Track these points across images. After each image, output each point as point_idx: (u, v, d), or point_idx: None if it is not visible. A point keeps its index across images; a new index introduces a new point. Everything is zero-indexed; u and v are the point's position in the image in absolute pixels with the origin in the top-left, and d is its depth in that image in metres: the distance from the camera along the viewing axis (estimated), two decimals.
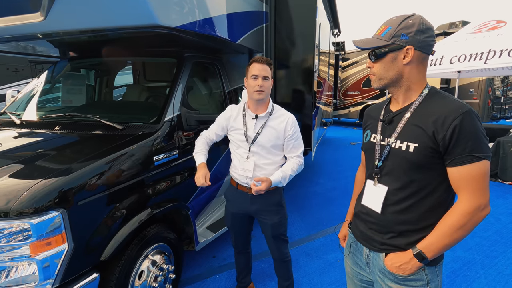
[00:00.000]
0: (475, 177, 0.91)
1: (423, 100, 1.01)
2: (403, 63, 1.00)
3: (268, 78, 1.74)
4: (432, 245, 0.96)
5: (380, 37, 1.02)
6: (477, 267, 2.59)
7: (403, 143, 1.01)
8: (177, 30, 1.87)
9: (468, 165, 0.91)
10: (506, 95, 9.13)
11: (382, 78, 1.05)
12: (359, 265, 1.20)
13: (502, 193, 4.45)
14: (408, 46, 0.98)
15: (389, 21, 1.03)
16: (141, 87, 3.28)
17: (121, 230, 1.68)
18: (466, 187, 0.92)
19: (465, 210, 0.93)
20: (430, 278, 1.02)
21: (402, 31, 0.98)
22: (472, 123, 0.91)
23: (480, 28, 5.44)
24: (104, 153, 1.66)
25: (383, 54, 1.02)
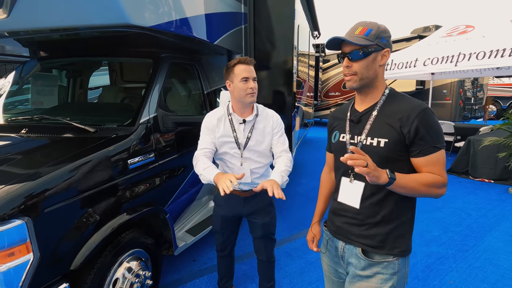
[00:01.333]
0: (439, 163, 1.04)
1: (386, 99, 1.11)
2: (380, 64, 1.09)
3: (256, 79, 1.69)
4: (404, 178, 1.02)
5: (363, 36, 1.06)
6: (449, 261, 2.70)
7: (373, 139, 1.08)
8: (151, 30, 1.82)
9: (432, 155, 1.04)
10: (476, 96, 9.61)
11: (363, 78, 1.09)
12: (335, 261, 1.24)
13: (473, 189, 4.67)
14: (387, 48, 1.08)
15: (369, 24, 1.08)
16: (118, 88, 3.18)
17: (93, 237, 1.61)
18: (436, 170, 1.04)
19: (438, 178, 1.05)
20: (400, 268, 1.09)
21: (382, 34, 1.07)
22: (431, 118, 1.03)
23: (451, 32, 5.70)
24: (74, 157, 1.59)
25: (367, 54, 1.06)
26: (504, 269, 2.57)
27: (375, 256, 1.10)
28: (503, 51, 4.50)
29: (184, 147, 2.47)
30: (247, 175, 1.72)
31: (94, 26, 1.73)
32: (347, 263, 1.18)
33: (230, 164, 1.78)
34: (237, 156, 1.74)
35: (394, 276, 1.08)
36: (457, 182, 5.04)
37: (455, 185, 4.88)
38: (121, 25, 1.65)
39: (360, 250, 1.12)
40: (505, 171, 4.81)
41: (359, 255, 1.12)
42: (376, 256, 1.10)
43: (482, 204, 4.05)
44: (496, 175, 4.95)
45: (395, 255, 1.08)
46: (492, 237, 3.14)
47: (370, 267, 1.10)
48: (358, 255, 1.12)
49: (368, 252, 1.11)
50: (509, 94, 12.03)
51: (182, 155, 2.45)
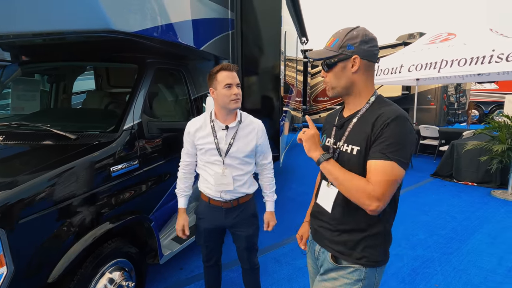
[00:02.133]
0: (378, 171, 0.96)
1: (370, 107, 1.09)
2: (352, 71, 1.07)
3: (240, 85, 1.69)
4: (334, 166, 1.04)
5: (330, 48, 1.09)
6: (435, 264, 2.74)
7: (348, 146, 1.08)
8: (135, 35, 1.80)
9: (376, 161, 0.97)
10: (459, 101, 9.90)
11: (335, 87, 1.11)
12: (314, 262, 1.28)
13: (457, 192, 4.78)
14: (355, 55, 1.05)
15: (337, 34, 1.10)
16: (103, 93, 3.13)
17: (72, 247, 1.56)
18: (372, 177, 0.97)
19: (365, 186, 0.96)
20: (366, 276, 1.10)
21: (348, 42, 1.05)
22: (399, 126, 0.96)
23: (434, 39, 5.88)
24: (52, 165, 1.54)
25: (333, 64, 1.08)
26: (487, 271, 2.62)
27: (343, 262, 1.12)
28: (483, 58, 4.66)
29: (170, 153, 2.43)
30: (229, 182, 1.70)
31: (75, 31, 1.70)
32: (320, 265, 1.22)
33: (211, 171, 1.74)
34: (219, 163, 1.72)
35: (359, 282, 1.09)
36: (442, 186, 5.15)
37: (441, 189, 4.98)
38: (103, 30, 1.62)
39: (330, 255, 1.15)
40: (487, 174, 4.94)
41: (328, 260, 1.15)
42: (344, 262, 1.12)
43: (466, 207, 4.14)
44: (479, 178, 5.09)
45: (362, 264, 1.09)
46: (475, 239, 3.21)
47: (337, 270, 1.13)
48: (328, 259, 1.15)
49: (337, 258, 1.14)
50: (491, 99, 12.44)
51: (168, 161, 2.41)
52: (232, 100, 1.63)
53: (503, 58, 4.41)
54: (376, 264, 1.10)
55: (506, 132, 4.32)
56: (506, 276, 2.55)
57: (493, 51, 4.52)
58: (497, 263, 2.73)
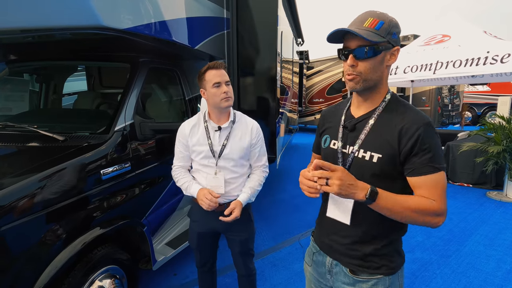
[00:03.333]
0: (435, 186, 0.90)
1: (386, 106, 0.98)
2: (387, 64, 0.94)
3: (229, 82, 1.64)
4: (387, 199, 0.89)
5: (375, 30, 0.89)
6: (433, 267, 2.70)
7: (366, 152, 0.96)
8: (126, 32, 1.73)
9: (428, 175, 0.90)
10: (453, 103, 9.99)
11: (368, 79, 0.93)
12: (319, 272, 1.16)
13: (453, 193, 4.78)
14: (397, 46, 0.93)
15: (379, 14, 0.91)
16: (94, 94, 3.04)
17: (60, 255, 1.48)
18: (431, 194, 0.91)
19: (430, 205, 0.90)
20: (391, 282, 1.02)
21: (394, 29, 0.91)
22: (432, 134, 0.91)
23: (429, 41, 5.90)
24: (38, 168, 1.46)
25: (377, 52, 0.90)
26: (486, 273, 2.60)
27: (363, 274, 1.03)
28: (478, 60, 4.68)
29: (164, 155, 2.36)
30: (220, 185, 1.64)
31: (64, 28, 1.62)
32: (335, 278, 1.11)
33: (204, 174, 1.68)
34: (212, 166, 1.66)
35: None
36: None
37: None
38: (92, 27, 1.55)
39: (348, 270, 1.05)
40: (482, 175, 4.96)
41: (347, 274, 1.05)
42: (364, 274, 1.03)
43: (462, 208, 4.13)
44: (474, 179, 5.10)
45: (383, 273, 1.01)
46: (473, 241, 3.19)
47: (359, 283, 1.03)
48: (346, 273, 1.06)
49: (356, 271, 1.04)
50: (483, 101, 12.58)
51: (162, 163, 2.34)
52: (222, 99, 1.59)
53: (498, 59, 4.43)
54: (398, 268, 1.03)
55: (502, 134, 4.33)
56: (505, 279, 2.52)
57: (488, 52, 4.54)
58: (496, 266, 2.71)
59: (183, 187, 1.70)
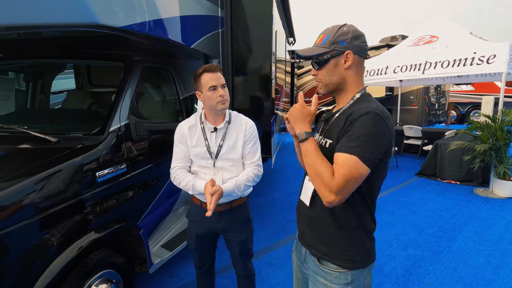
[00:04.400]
0: (339, 164, 0.93)
1: (353, 103, 1.07)
2: (344, 67, 1.06)
3: (225, 85, 1.63)
4: (312, 146, 1.01)
5: (320, 45, 1.07)
6: (426, 264, 2.76)
7: (324, 139, 1.09)
8: (122, 31, 1.68)
9: (339, 153, 0.95)
10: (439, 102, 10.24)
11: (328, 84, 1.09)
12: (300, 260, 1.25)
13: (442, 191, 4.90)
14: (347, 51, 1.04)
15: (326, 30, 1.09)
16: (84, 93, 2.96)
17: (56, 261, 1.43)
18: (336, 169, 0.94)
19: (328, 175, 0.93)
20: (354, 278, 1.06)
21: (340, 38, 1.04)
22: (369, 122, 0.93)
23: (418, 41, 6.02)
24: (31, 171, 1.40)
25: (326, 61, 1.06)
26: (477, 268, 2.67)
27: (328, 263, 1.09)
28: (465, 60, 4.81)
29: (160, 156, 2.32)
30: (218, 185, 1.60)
31: (57, 25, 1.56)
32: (307, 267, 1.19)
33: (202, 174, 1.67)
34: (210, 166, 1.65)
35: (348, 286, 1.06)
36: (427, 184, 5.27)
37: (426, 187, 5.10)
38: (88, 25, 1.50)
39: (316, 259, 1.12)
40: (469, 173, 5.11)
41: (315, 263, 1.13)
42: (329, 264, 1.08)
43: (451, 205, 4.24)
44: (461, 176, 5.25)
45: (345, 267, 1.05)
46: (463, 237, 3.27)
47: (325, 275, 1.09)
48: (315, 262, 1.13)
49: (321, 259, 1.11)
50: (467, 100, 12.96)
51: (158, 164, 2.30)
52: (218, 102, 1.58)
53: (484, 60, 4.56)
54: (359, 265, 1.06)
55: (488, 132, 4.47)
56: (494, 273, 2.60)
57: (475, 53, 4.67)
58: (485, 261, 2.79)
59: (187, 186, 1.59)
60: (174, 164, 1.69)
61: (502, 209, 4.07)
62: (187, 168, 1.70)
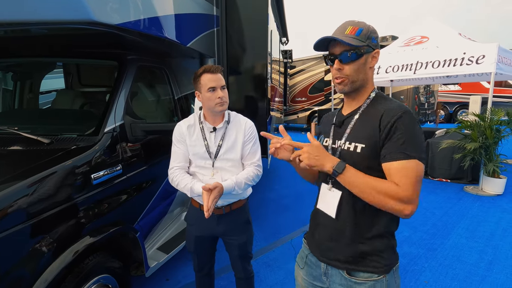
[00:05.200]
0: (404, 173, 0.90)
1: (371, 102, 1.05)
2: (370, 66, 1.02)
3: (225, 86, 1.60)
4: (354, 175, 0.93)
5: (355, 36, 0.98)
6: (422, 261, 2.80)
7: (351, 144, 1.02)
8: (117, 28, 1.63)
9: (399, 161, 0.91)
10: (429, 102, 10.44)
11: (355, 81, 1.02)
12: (314, 275, 1.15)
13: (433, 189, 4.99)
14: (377, 49, 1.01)
15: (357, 23, 1.02)
16: (76, 93, 2.88)
17: (50, 267, 1.38)
18: (399, 179, 0.91)
19: (394, 188, 0.90)
20: (388, 283, 1.02)
21: (372, 35, 1.00)
22: (410, 122, 0.93)
23: (409, 42, 6.11)
24: (23, 174, 1.34)
25: (359, 56, 0.99)
26: (471, 265, 2.72)
27: (359, 274, 1.02)
28: (455, 61, 4.90)
29: (155, 157, 2.27)
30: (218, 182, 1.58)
31: (50, 22, 1.50)
32: (331, 280, 1.09)
33: (200, 175, 1.64)
34: (208, 167, 1.62)
35: None
36: None
37: None
38: (82, 22, 1.45)
39: (344, 271, 1.04)
40: (459, 171, 5.21)
41: (343, 275, 1.05)
42: (361, 274, 1.02)
43: (443, 203, 4.32)
44: (452, 174, 5.35)
45: (380, 273, 1.00)
46: (456, 234, 3.33)
47: (358, 286, 1.02)
48: (343, 275, 1.05)
49: (351, 271, 1.04)
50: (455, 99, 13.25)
51: (153, 165, 2.25)
52: (217, 104, 1.55)
53: (473, 60, 4.66)
54: (393, 264, 1.03)
55: (477, 131, 4.57)
56: (488, 269, 2.65)
57: (464, 54, 4.77)
58: (479, 257, 2.85)
59: (185, 188, 1.55)
60: (173, 164, 1.66)
61: (492, 206, 4.16)
62: (185, 169, 1.66)
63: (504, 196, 4.51)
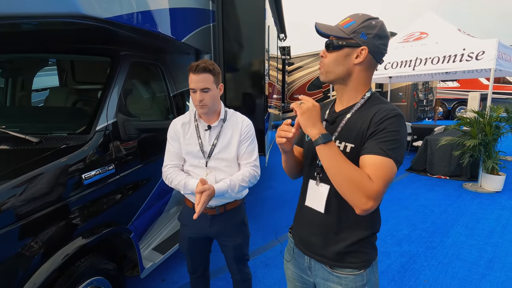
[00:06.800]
0: (377, 167, 0.87)
1: (365, 103, 1.02)
2: (354, 62, 0.98)
3: (208, 89, 1.46)
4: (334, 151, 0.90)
5: (342, 28, 0.97)
6: (421, 260, 2.77)
7: (341, 143, 1.00)
8: (108, 22, 1.57)
9: (375, 156, 0.88)
10: (427, 98, 10.41)
11: (330, 72, 1.01)
12: (301, 268, 1.17)
13: (432, 186, 4.96)
14: (364, 46, 0.96)
15: (355, 16, 0.99)
16: (68, 90, 2.81)
17: (39, 270, 1.33)
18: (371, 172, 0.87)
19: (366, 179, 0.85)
20: (368, 278, 1.04)
21: (363, 30, 0.95)
22: (396, 125, 0.91)
23: (407, 38, 6.05)
24: (11, 174, 1.29)
25: (339, 47, 0.97)
26: (470, 263, 2.69)
27: (341, 269, 1.04)
28: (454, 57, 4.86)
29: (150, 155, 2.22)
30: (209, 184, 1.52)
31: (37, 15, 1.43)
32: (315, 274, 1.12)
33: (194, 175, 1.58)
34: (202, 166, 1.57)
35: (365, 287, 1.04)
36: (417, 180, 5.33)
37: (417, 183, 5.15)
38: (70, 15, 1.39)
39: (328, 267, 1.06)
40: (458, 168, 5.19)
41: (326, 269, 1.07)
42: (342, 269, 1.04)
43: (442, 200, 4.29)
44: (451, 171, 5.32)
45: (360, 268, 1.02)
46: (455, 232, 3.31)
47: (340, 280, 1.04)
48: (325, 268, 1.07)
49: (334, 266, 1.05)
50: (453, 96, 13.23)
51: (148, 164, 2.20)
52: (197, 106, 1.50)
53: (473, 56, 4.62)
54: (369, 263, 1.04)
55: (477, 128, 4.54)
56: (487, 267, 2.63)
57: (464, 50, 4.72)
58: (478, 255, 2.82)
59: (179, 185, 1.51)
60: (167, 162, 1.61)
61: (491, 203, 4.14)
62: (180, 167, 1.62)
63: (503, 193, 4.49)
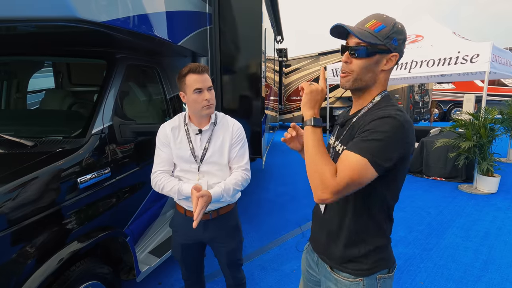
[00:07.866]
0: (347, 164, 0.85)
1: (372, 107, 0.98)
2: (382, 68, 0.94)
3: (212, 87, 1.51)
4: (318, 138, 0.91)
5: (374, 32, 0.90)
6: (417, 261, 2.78)
7: (341, 146, 1.01)
8: (104, 26, 1.57)
9: (349, 152, 0.86)
10: (423, 100, 10.48)
11: (359, 79, 0.95)
12: (310, 265, 1.20)
13: (428, 187, 5.00)
14: (395, 53, 0.92)
15: (382, 19, 0.92)
16: (64, 93, 2.80)
17: (33, 275, 1.32)
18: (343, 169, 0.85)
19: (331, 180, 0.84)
20: None
21: (395, 35, 0.91)
22: (387, 125, 0.85)
23: None
24: (5, 178, 1.28)
25: (371, 53, 0.91)
26: (466, 265, 2.71)
27: (339, 272, 1.04)
28: (449, 59, 4.90)
29: (146, 158, 2.21)
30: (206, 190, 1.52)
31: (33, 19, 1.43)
32: (320, 272, 1.14)
33: (186, 180, 1.56)
34: (194, 171, 1.55)
35: None
36: (414, 181, 5.36)
37: (413, 184, 5.18)
38: (66, 19, 1.38)
39: (328, 266, 1.07)
40: (454, 169, 5.22)
41: (327, 269, 1.08)
42: (340, 273, 1.03)
43: (438, 202, 4.32)
44: (446, 173, 5.36)
45: (356, 275, 0.99)
46: (450, 233, 3.33)
47: (336, 282, 1.05)
48: (326, 268, 1.09)
49: (334, 268, 1.06)
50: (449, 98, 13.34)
51: (144, 167, 2.19)
52: (204, 107, 1.47)
53: (468, 59, 4.66)
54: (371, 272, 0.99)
55: (472, 130, 4.58)
56: (483, 269, 2.65)
57: (459, 53, 4.76)
58: (473, 257, 2.84)
59: (171, 192, 1.48)
60: (156, 168, 1.56)
61: (486, 204, 4.18)
62: (169, 173, 1.58)
63: (498, 195, 4.53)
